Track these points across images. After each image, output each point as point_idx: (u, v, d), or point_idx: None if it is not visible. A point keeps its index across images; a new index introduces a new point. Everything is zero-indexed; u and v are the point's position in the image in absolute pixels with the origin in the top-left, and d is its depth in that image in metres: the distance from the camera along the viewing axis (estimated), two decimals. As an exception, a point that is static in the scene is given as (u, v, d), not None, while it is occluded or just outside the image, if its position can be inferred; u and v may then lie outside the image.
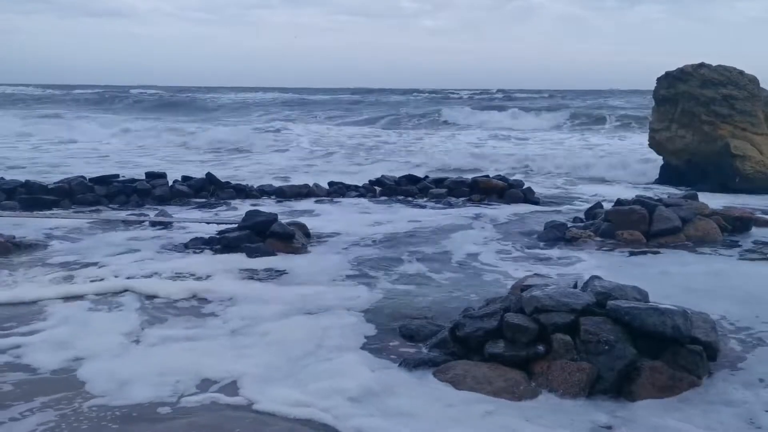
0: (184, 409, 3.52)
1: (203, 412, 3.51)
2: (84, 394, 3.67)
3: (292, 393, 3.66)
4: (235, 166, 15.81)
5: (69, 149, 19.08)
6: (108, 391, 3.68)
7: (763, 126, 13.12)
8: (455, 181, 11.34)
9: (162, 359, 4.13)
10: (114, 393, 3.67)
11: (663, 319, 3.80)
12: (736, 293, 5.48)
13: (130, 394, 3.66)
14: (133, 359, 4.14)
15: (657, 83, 14.25)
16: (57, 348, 4.28)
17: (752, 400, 3.61)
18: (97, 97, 50.43)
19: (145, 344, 4.41)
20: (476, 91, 58.51)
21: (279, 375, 3.91)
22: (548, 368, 3.76)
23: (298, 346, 4.31)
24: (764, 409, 3.50)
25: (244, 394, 3.68)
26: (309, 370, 3.97)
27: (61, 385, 3.78)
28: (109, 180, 10.42)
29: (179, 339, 4.49)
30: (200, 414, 3.48)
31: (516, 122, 29.03)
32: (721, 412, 3.47)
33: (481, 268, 6.43)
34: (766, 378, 3.87)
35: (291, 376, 3.88)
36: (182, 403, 3.58)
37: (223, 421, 3.42)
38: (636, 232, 7.38)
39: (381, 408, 3.51)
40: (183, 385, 3.77)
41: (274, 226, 6.96)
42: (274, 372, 3.94)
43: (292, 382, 3.81)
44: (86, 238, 7.46)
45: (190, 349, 4.31)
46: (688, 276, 6.11)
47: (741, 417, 3.44)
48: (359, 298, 5.39)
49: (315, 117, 34.40)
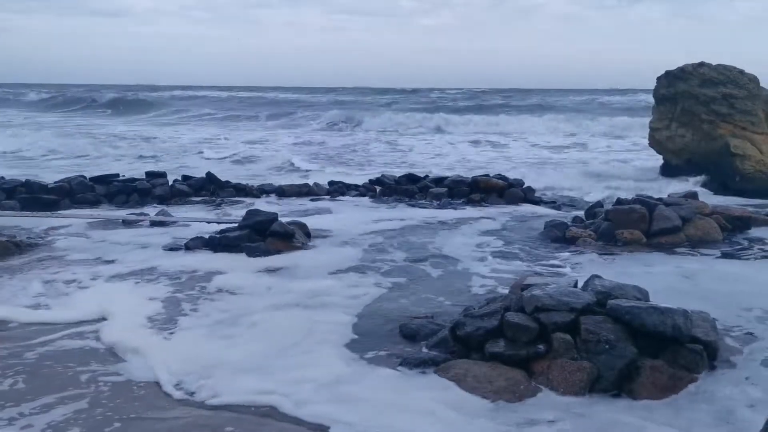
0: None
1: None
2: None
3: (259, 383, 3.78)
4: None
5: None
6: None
7: (764, 125, 13.11)
8: (455, 180, 11.34)
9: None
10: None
11: (663, 318, 3.80)
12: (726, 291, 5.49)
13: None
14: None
15: (657, 82, 14.25)
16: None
17: (738, 397, 3.62)
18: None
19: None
20: (461, 90, 57.10)
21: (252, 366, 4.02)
22: (549, 367, 3.77)
23: (285, 338, 4.42)
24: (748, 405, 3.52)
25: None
26: (286, 361, 4.09)
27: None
28: (109, 179, 10.43)
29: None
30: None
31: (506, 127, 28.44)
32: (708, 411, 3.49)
33: (482, 268, 6.43)
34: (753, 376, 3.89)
35: (263, 367, 4.00)
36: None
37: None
38: (636, 232, 7.38)
39: (340, 396, 3.63)
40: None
41: (274, 226, 6.96)
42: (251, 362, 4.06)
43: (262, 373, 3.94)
44: (86, 238, 7.46)
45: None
46: (687, 275, 6.12)
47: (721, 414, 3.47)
48: (357, 297, 5.40)
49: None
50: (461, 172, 13.04)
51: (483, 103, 41.09)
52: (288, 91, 59.73)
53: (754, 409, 3.50)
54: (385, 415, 3.42)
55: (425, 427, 3.32)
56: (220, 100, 46.88)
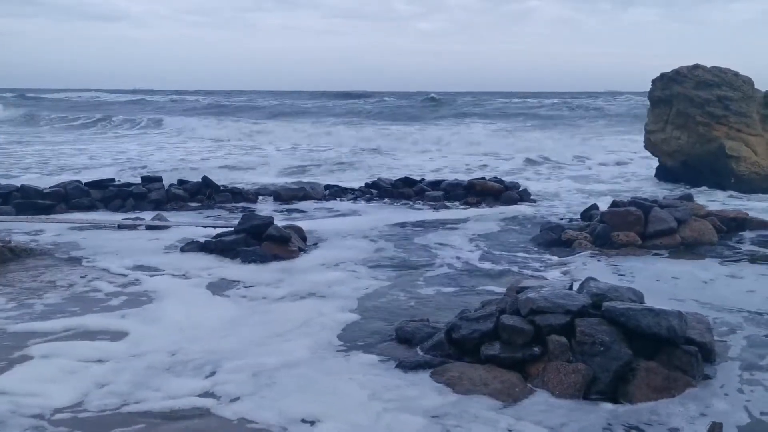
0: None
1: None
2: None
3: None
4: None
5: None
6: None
7: (758, 127, 13.15)
8: (451, 183, 11.35)
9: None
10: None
11: (658, 320, 3.81)
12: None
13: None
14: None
15: (652, 85, 14.28)
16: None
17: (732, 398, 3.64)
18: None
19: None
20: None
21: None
22: (544, 369, 3.77)
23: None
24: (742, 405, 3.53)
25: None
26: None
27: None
28: (104, 184, 10.40)
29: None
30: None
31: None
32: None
33: (477, 270, 6.44)
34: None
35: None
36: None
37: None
38: (632, 234, 7.39)
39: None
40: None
41: (270, 230, 6.95)
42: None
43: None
44: (82, 242, 7.44)
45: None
46: (682, 277, 6.13)
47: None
48: (353, 298, 5.41)
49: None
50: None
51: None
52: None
53: (748, 410, 3.51)
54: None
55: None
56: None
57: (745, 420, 3.43)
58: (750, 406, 3.56)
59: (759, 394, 3.70)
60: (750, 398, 3.65)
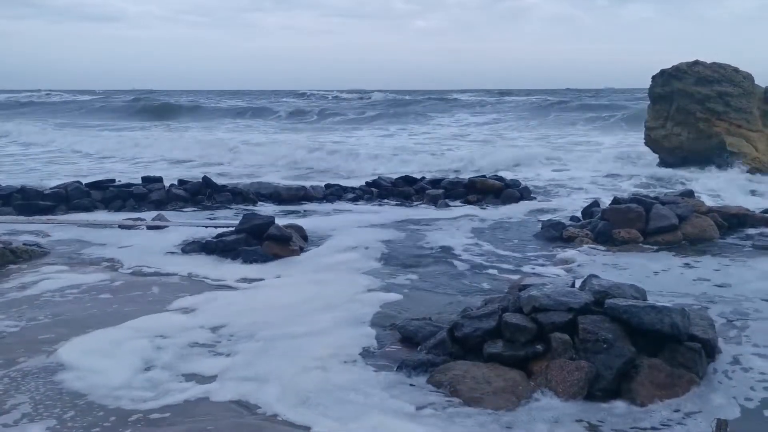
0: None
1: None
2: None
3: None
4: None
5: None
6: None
7: (758, 123, 13.16)
8: (452, 181, 11.34)
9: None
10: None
11: (661, 316, 3.80)
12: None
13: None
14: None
15: (652, 81, 14.28)
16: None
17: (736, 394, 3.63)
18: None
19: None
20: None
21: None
22: (547, 367, 3.76)
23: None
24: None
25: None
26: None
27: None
28: (105, 185, 10.40)
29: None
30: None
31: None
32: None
33: (479, 268, 6.43)
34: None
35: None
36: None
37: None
38: (633, 231, 7.39)
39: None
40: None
41: (271, 229, 6.94)
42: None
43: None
44: (82, 243, 7.43)
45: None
46: (684, 273, 6.12)
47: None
48: (354, 299, 5.39)
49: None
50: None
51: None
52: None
53: (753, 407, 3.51)
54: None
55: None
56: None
57: (750, 417, 3.43)
58: (755, 403, 3.55)
59: (764, 391, 3.69)
60: (754, 395, 3.64)
